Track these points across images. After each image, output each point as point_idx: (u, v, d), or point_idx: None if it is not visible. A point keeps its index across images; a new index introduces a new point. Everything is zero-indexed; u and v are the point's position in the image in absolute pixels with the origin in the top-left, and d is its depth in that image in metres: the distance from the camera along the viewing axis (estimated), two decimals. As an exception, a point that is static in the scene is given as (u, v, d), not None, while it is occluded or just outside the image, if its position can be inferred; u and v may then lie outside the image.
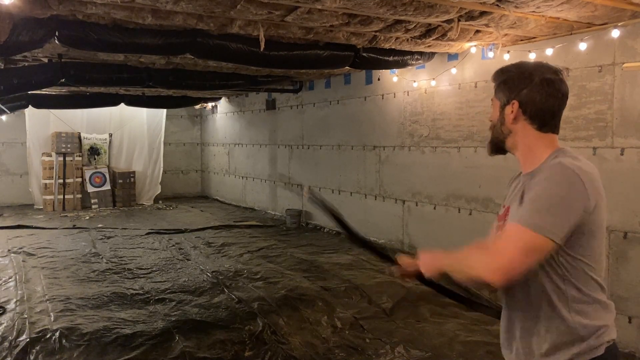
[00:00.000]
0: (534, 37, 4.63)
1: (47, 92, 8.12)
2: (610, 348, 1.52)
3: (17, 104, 8.00)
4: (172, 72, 6.35)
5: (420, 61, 5.56)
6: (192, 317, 4.44)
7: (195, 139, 13.32)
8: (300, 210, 8.84)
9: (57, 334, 3.95)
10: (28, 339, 3.88)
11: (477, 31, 4.43)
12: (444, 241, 5.84)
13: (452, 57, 5.63)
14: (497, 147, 1.71)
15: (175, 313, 4.56)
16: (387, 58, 5.23)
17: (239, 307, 4.67)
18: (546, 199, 1.45)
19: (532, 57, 4.60)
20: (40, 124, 10.80)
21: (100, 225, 8.92)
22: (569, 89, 1.63)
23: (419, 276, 1.81)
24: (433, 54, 5.55)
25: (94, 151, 11.40)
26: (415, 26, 4.18)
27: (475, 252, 1.54)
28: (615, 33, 4.01)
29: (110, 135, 11.62)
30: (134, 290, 5.21)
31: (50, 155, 10.74)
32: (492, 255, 1.46)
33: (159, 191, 12.14)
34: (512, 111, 1.61)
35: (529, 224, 1.43)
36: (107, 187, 11.26)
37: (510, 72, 1.64)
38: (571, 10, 3.69)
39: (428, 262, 1.72)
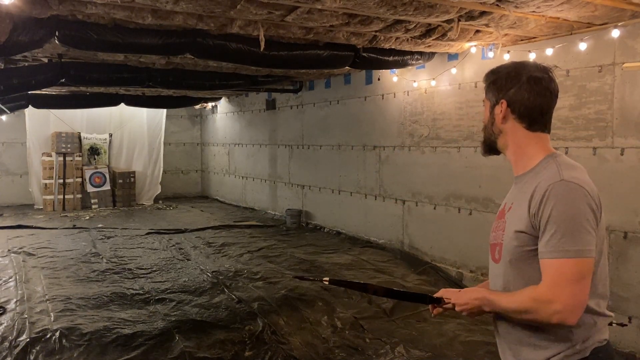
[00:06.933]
0: (534, 37, 4.63)
1: (47, 92, 8.11)
2: (598, 350, 1.49)
3: (17, 104, 8.00)
4: (172, 72, 6.35)
5: (420, 61, 5.56)
6: (192, 317, 4.44)
7: (195, 139, 13.32)
8: (300, 210, 8.84)
9: (57, 334, 3.96)
10: (28, 339, 3.88)
11: (477, 31, 4.43)
12: (444, 241, 5.85)
13: (452, 57, 5.63)
14: (490, 147, 1.73)
15: (175, 313, 4.56)
16: (387, 58, 5.23)
17: (239, 307, 4.67)
18: (569, 222, 1.42)
19: (532, 57, 4.60)
20: (40, 124, 10.81)
21: (100, 225, 8.92)
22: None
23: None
24: (433, 54, 5.55)
25: (94, 151, 11.41)
26: (415, 26, 4.18)
27: (529, 299, 1.46)
28: (615, 33, 4.01)
29: (110, 135, 11.62)
30: (134, 290, 5.21)
31: (50, 155, 10.74)
32: (553, 300, 1.41)
33: (159, 191, 12.14)
34: (501, 111, 1.61)
35: (567, 253, 1.41)
36: (107, 187, 11.26)
37: (499, 73, 1.64)
38: (571, 10, 3.69)
39: (473, 299, 1.60)
